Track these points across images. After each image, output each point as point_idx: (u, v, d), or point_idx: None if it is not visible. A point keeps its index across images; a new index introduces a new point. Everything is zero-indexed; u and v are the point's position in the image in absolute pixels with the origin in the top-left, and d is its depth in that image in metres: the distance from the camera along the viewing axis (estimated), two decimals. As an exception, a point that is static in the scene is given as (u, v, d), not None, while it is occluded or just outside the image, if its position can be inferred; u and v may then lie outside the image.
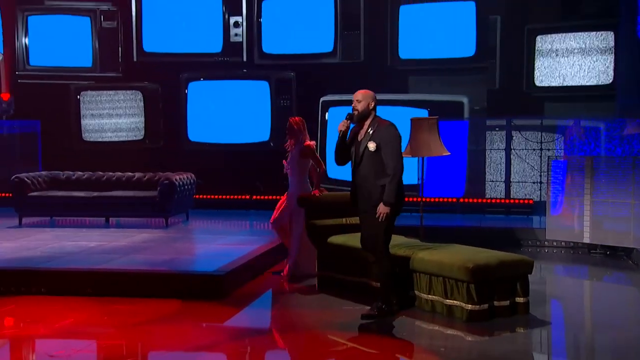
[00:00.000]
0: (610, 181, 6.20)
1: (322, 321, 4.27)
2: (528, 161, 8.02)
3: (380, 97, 7.43)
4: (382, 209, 3.94)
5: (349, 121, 4.11)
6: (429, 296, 4.36)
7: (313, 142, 5.46)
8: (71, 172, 7.97)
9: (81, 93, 9.10)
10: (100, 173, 7.88)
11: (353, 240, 4.75)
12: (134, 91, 9.11)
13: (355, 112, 4.05)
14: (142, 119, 9.09)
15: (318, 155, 5.47)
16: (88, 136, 9.04)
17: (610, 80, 7.60)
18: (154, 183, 7.57)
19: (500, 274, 4.15)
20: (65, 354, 3.63)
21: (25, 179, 7.54)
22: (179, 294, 4.74)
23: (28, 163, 8.42)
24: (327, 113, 8.62)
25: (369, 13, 8.50)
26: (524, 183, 8.09)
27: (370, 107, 4.08)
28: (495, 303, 4.13)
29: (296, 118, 5.53)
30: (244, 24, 8.88)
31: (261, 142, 8.79)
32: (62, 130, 8.91)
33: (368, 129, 4.06)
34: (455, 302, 4.18)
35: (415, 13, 8.37)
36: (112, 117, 9.13)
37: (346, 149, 4.21)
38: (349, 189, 4.32)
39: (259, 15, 8.82)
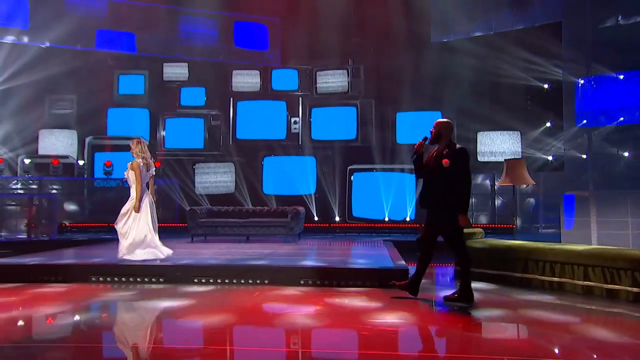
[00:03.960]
0: (610, 207, 8.17)
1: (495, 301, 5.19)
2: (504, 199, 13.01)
3: (384, 166, 12.90)
4: (461, 219, 4.66)
5: (424, 142, 4.99)
6: (585, 282, 5.22)
7: (138, 162, 6.54)
8: (221, 207, 10.76)
9: (196, 164, 14.34)
10: (240, 207, 11.14)
11: (490, 242, 6.24)
12: (229, 163, 14.33)
13: (431, 137, 5.03)
14: (234, 179, 14.21)
15: (152, 184, 6.79)
16: (200, 190, 14.15)
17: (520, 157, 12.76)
18: (280, 213, 9.99)
19: None
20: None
21: (196, 210, 10.09)
22: (377, 284, 5.76)
23: (169, 206, 13.41)
24: (352, 176, 13.74)
25: (377, 116, 13.87)
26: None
27: (442, 134, 4.90)
28: None
29: (135, 139, 6.76)
30: (300, 121, 14.26)
31: (310, 194, 13.85)
32: (186, 185, 14.05)
33: (444, 149, 4.84)
34: (617, 286, 4.87)
35: (407, 117, 13.70)
36: (215, 176, 14.27)
37: (421, 165, 5.00)
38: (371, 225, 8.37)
39: (310, 117, 14.23)
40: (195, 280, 6.11)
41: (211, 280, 6.12)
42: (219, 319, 4.58)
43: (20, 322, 4.75)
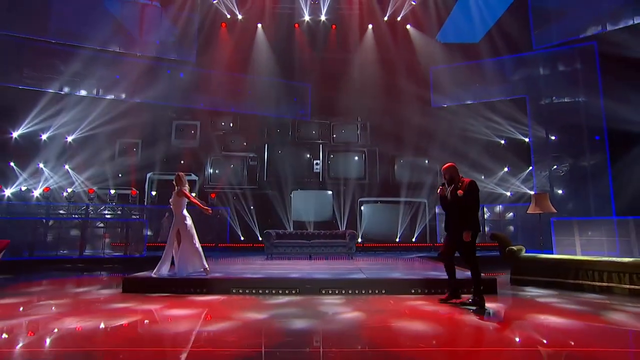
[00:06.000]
0: (590, 228, 10.63)
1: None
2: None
3: (385, 198, 17.24)
4: (465, 235, 5.64)
5: (443, 187, 6.01)
6: (631, 286, 6.32)
7: (186, 188, 7.52)
8: (286, 230, 13.20)
9: (236, 196, 17.95)
10: (300, 230, 13.05)
11: (541, 256, 7.31)
12: (264, 195, 18.02)
13: (445, 181, 6.07)
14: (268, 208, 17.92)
15: (196, 199, 7.66)
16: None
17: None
18: (336, 235, 11.79)
19: None
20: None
21: (271, 232, 11.53)
22: (465, 291, 6.21)
23: (221, 231, 16.89)
24: (362, 207, 17.75)
25: (381, 160, 18.04)
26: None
27: (453, 175, 5.91)
28: None
29: (180, 173, 7.63)
30: (320, 163, 18.23)
31: (328, 220, 17.71)
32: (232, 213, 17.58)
33: (458, 184, 5.88)
34: None
35: (403, 162, 17.94)
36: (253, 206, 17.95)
37: (446, 203, 5.96)
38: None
39: (328, 160, 18.23)
40: (323, 292, 6.50)
41: (337, 292, 6.50)
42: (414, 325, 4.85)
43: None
